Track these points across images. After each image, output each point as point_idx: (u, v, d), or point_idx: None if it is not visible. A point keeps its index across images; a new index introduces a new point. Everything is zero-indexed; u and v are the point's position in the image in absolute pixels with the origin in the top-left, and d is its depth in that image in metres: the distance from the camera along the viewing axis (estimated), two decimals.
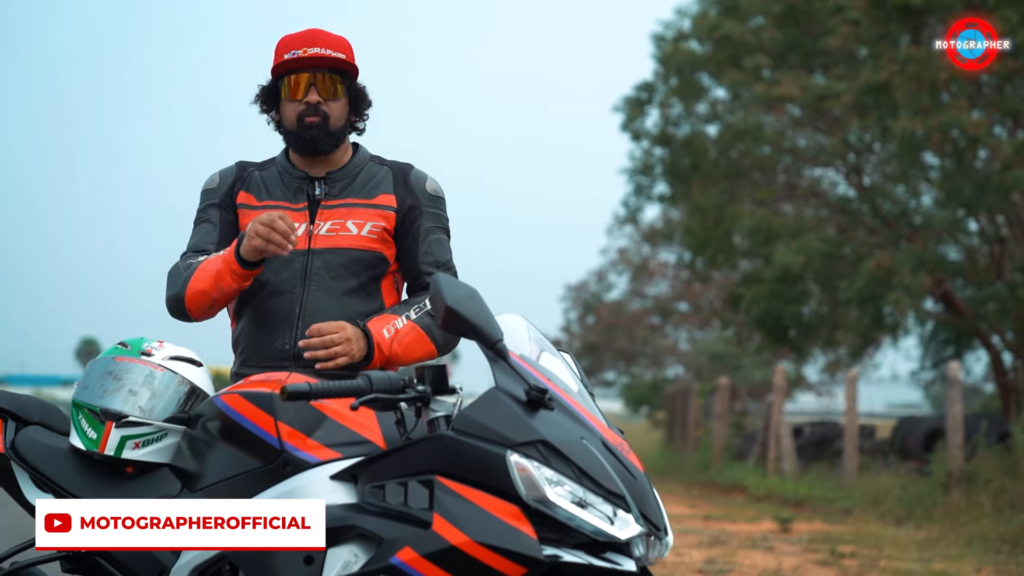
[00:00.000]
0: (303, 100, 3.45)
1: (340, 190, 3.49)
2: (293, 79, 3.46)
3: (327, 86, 3.46)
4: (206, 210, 3.55)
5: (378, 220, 3.46)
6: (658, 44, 19.72)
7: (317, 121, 3.44)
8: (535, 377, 2.75)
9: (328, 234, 3.43)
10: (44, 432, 3.29)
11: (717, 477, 18.46)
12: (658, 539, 2.72)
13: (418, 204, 3.51)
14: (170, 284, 3.43)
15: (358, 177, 3.52)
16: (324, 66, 3.46)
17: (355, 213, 3.46)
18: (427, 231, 3.50)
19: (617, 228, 37.18)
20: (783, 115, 18.30)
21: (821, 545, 10.17)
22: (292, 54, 3.45)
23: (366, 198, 3.48)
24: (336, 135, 3.48)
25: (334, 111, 3.47)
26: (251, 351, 3.42)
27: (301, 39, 3.48)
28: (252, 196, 3.51)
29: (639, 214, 22.65)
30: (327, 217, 3.45)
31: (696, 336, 39.85)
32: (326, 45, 3.47)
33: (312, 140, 3.45)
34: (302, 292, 3.39)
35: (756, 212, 17.82)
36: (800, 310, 18.16)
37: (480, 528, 2.60)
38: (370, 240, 3.44)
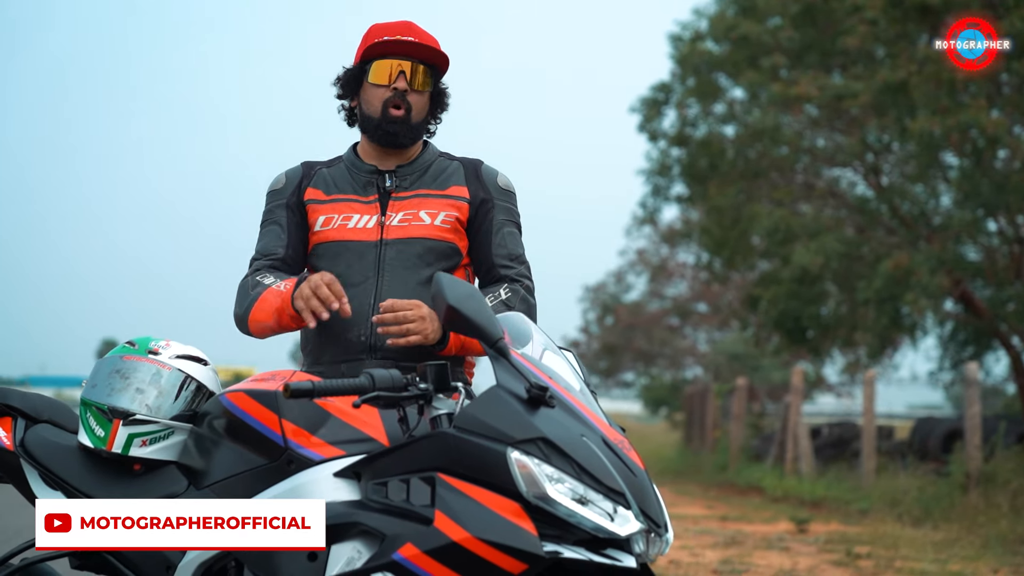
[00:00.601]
0: (391, 86, 3.40)
1: (411, 182, 3.46)
2: (383, 63, 3.41)
3: (416, 76, 3.42)
4: (273, 211, 3.52)
5: (451, 210, 3.43)
6: (675, 44, 19.72)
7: (401, 115, 3.40)
8: (536, 375, 2.77)
9: (400, 224, 3.40)
10: (53, 430, 3.32)
11: (734, 478, 18.44)
12: (658, 536, 2.73)
13: (490, 197, 3.48)
14: (237, 301, 3.41)
15: (428, 170, 3.49)
16: (416, 55, 3.41)
17: (427, 203, 3.43)
18: (500, 224, 3.48)
19: (635, 229, 37.14)
20: (801, 115, 18.27)
21: (837, 546, 10.16)
22: (385, 38, 3.40)
23: (438, 189, 3.45)
24: (416, 129, 3.45)
25: (417, 103, 3.43)
26: (324, 347, 3.38)
27: (395, 27, 3.44)
28: (320, 191, 3.48)
29: (657, 215, 22.63)
30: (399, 208, 3.42)
31: (715, 337, 39.78)
32: (419, 37, 3.43)
33: (395, 134, 3.42)
34: (376, 283, 3.35)
35: (774, 212, 17.79)
36: (818, 311, 18.13)
37: (481, 524, 2.62)
38: (443, 230, 3.41)
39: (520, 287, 3.43)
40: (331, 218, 3.43)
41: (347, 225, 3.42)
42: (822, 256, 16.62)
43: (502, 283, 3.44)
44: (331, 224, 3.43)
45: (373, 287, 3.35)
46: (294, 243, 3.46)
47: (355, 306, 3.32)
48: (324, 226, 3.44)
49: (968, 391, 12.94)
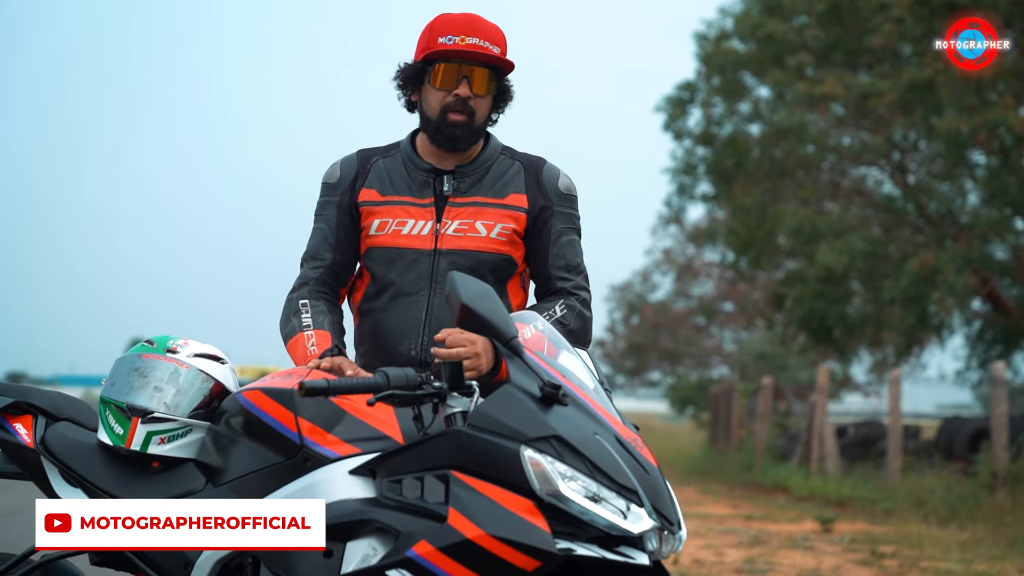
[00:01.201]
0: (452, 92, 3.30)
1: (469, 186, 3.36)
2: (445, 68, 3.29)
3: (478, 81, 3.31)
4: (325, 207, 3.45)
5: (508, 221, 3.34)
6: (700, 43, 19.70)
7: (463, 120, 3.30)
8: (549, 373, 2.78)
9: (455, 234, 3.32)
10: (73, 428, 3.35)
11: (760, 477, 18.38)
12: (671, 533, 2.73)
13: (550, 204, 3.38)
14: (282, 317, 3.39)
15: (488, 173, 3.39)
16: (479, 60, 3.30)
17: (484, 213, 3.34)
18: (559, 232, 3.38)
19: (661, 228, 37.13)
20: (827, 114, 18.23)
21: (862, 545, 10.13)
22: (449, 39, 3.28)
23: (496, 197, 3.36)
24: (478, 132, 3.35)
25: (480, 108, 3.33)
26: (374, 353, 3.35)
27: (460, 24, 3.30)
28: (375, 191, 3.39)
29: (682, 214, 22.61)
30: (455, 216, 3.34)
31: (741, 336, 39.67)
32: (485, 36, 3.29)
33: (454, 138, 3.32)
34: (428, 295, 3.31)
35: (799, 211, 17.75)
36: (844, 310, 18.08)
37: (495, 522, 2.63)
38: (499, 242, 3.34)
39: (576, 301, 3.35)
40: (386, 222, 3.36)
41: (401, 231, 3.35)
42: (848, 255, 16.57)
43: (558, 297, 3.36)
44: (385, 229, 3.36)
45: (425, 299, 3.32)
46: (342, 246, 3.41)
47: (407, 318, 3.31)
48: (379, 231, 3.36)
49: (995, 390, 12.87)
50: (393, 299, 3.34)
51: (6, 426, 3.34)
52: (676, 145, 20.40)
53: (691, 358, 41.36)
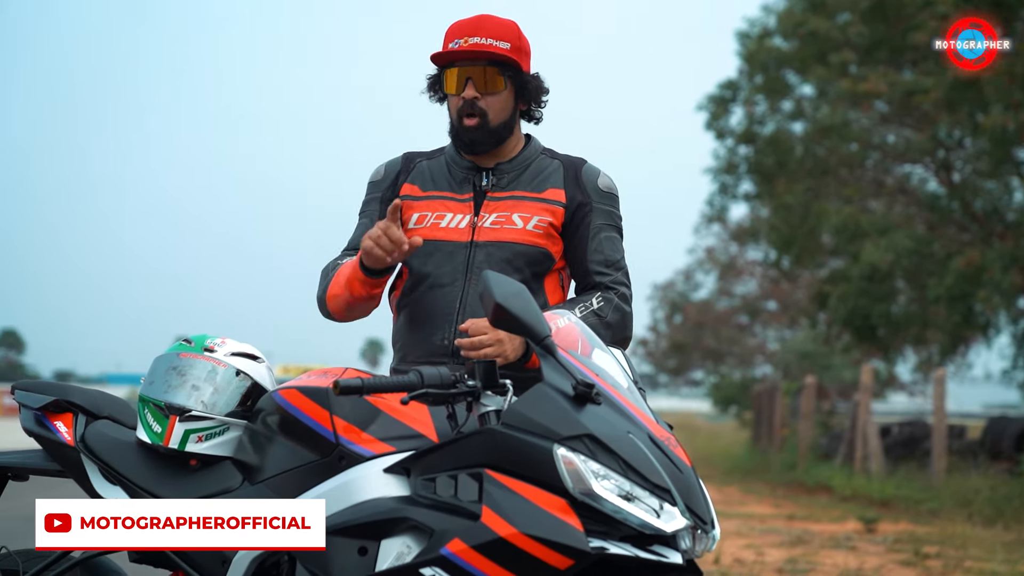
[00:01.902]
0: (460, 95, 3.33)
1: (508, 182, 3.39)
2: (451, 72, 3.34)
3: (484, 80, 3.32)
4: (369, 204, 3.50)
5: (545, 215, 3.36)
6: (742, 41, 19.60)
7: (475, 124, 3.33)
8: (582, 372, 2.78)
9: (492, 227, 3.34)
10: (113, 426, 3.38)
11: (803, 477, 18.29)
12: (704, 532, 2.73)
13: (589, 200, 3.39)
14: (319, 283, 3.42)
15: (528, 170, 3.41)
16: (481, 58, 3.31)
17: (522, 206, 3.36)
18: (598, 228, 3.39)
19: (704, 227, 37.00)
20: (870, 111, 18.09)
21: (905, 545, 10.06)
22: (454, 43, 3.32)
23: (535, 192, 3.38)
24: (497, 132, 3.36)
25: (493, 106, 3.34)
26: (410, 347, 3.37)
27: (465, 28, 3.33)
28: (416, 187, 3.44)
29: (725, 213, 22.51)
30: (492, 209, 3.37)
31: (785, 335, 39.46)
32: (488, 34, 3.31)
33: (471, 142, 3.36)
34: (463, 286, 3.32)
35: (843, 210, 17.63)
36: (888, 309, 17.94)
37: (528, 520, 2.64)
38: (535, 235, 3.35)
39: (615, 295, 3.35)
40: (424, 216, 3.39)
41: (439, 224, 3.38)
42: (892, 253, 16.46)
43: (595, 291, 3.36)
44: (424, 222, 3.39)
45: (460, 290, 3.33)
46: None
47: (441, 308, 3.32)
48: (417, 224, 3.39)
49: None
50: (429, 290, 3.36)
51: (47, 424, 3.38)
52: (718, 144, 20.33)
53: (734, 357, 41.20)
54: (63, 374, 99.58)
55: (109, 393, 3.52)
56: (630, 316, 3.39)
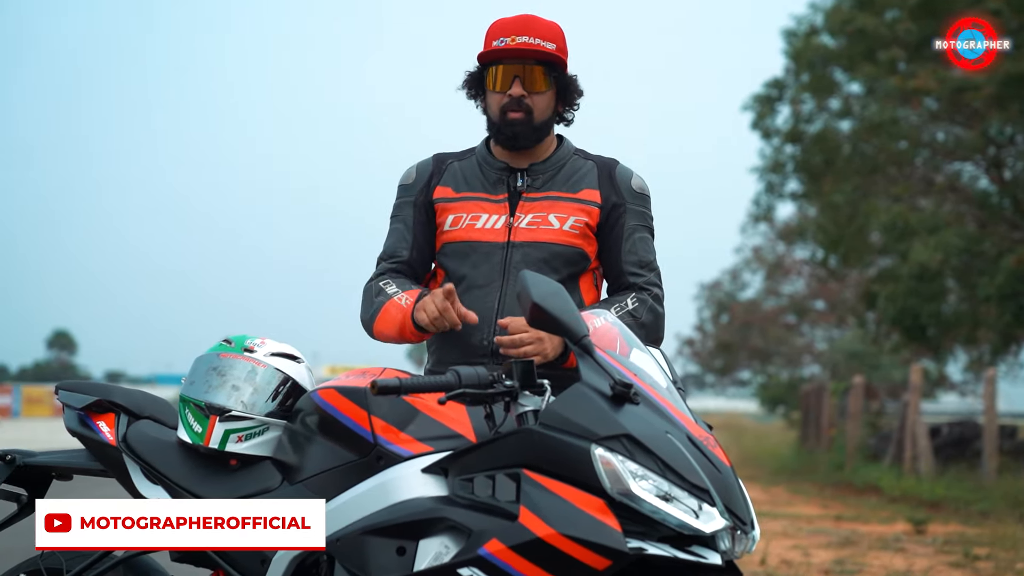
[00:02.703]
0: (507, 93, 3.36)
1: (543, 183, 3.41)
2: (497, 70, 3.36)
3: (531, 79, 3.35)
4: (401, 208, 3.51)
5: (581, 215, 3.38)
6: (789, 40, 19.47)
7: (520, 117, 3.35)
8: (620, 372, 2.77)
9: (529, 227, 3.36)
10: (154, 426, 3.40)
11: (851, 477, 18.15)
12: (744, 533, 2.71)
13: (623, 201, 3.41)
14: (363, 306, 3.44)
15: (562, 170, 3.43)
16: (530, 58, 3.35)
17: (558, 207, 3.38)
18: (631, 229, 3.41)
19: (751, 226, 36.78)
20: (919, 108, 17.91)
21: (955, 547, 9.96)
22: (500, 42, 3.35)
23: (570, 192, 3.40)
24: (540, 129, 3.40)
25: (538, 104, 3.37)
26: (447, 348, 3.39)
27: (511, 26, 3.37)
28: (450, 189, 3.45)
29: (772, 212, 22.38)
30: (528, 210, 3.38)
31: (833, 335, 39.19)
32: (535, 34, 3.35)
33: (514, 136, 3.38)
34: (501, 286, 3.34)
35: (892, 208, 17.47)
36: (938, 308, 17.74)
37: (565, 520, 2.63)
38: (572, 235, 3.36)
39: (648, 296, 3.37)
40: (459, 217, 3.41)
41: (475, 225, 3.39)
42: (942, 252, 16.30)
43: (630, 292, 3.37)
44: (459, 224, 3.41)
45: (498, 290, 3.35)
46: (419, 244, 3.46)
47: (479, 309, 3.32)
48: (452, 226, 3.41)
49: None
50: (466, 291, 3.37)
51: (90, 424, 3.41)
52: (764, 143, 20.21)
53: (781, 357, 40.96)
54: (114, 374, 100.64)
55: (150, 393, 3.55)
56: (663, 317, 3.41)
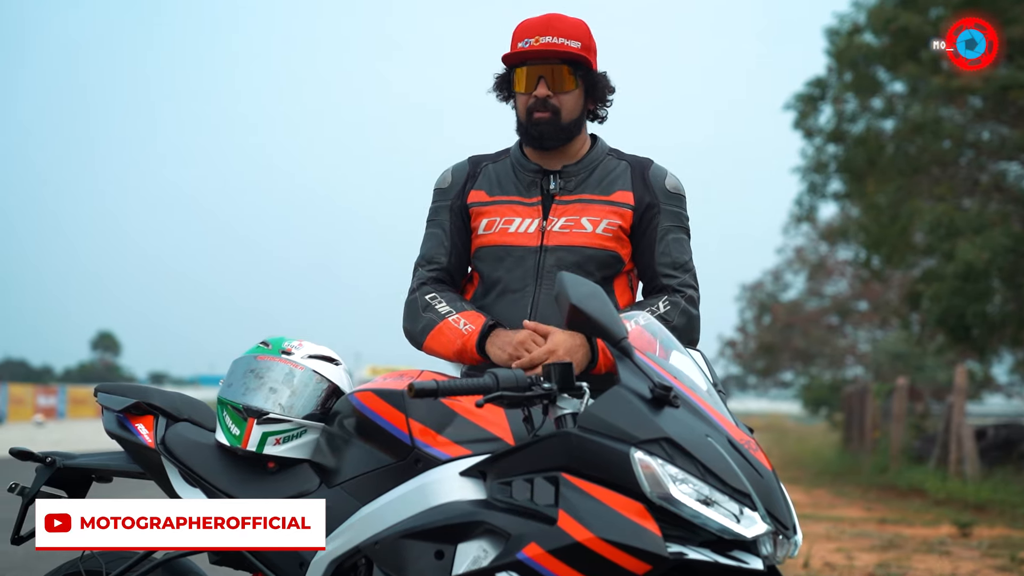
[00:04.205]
0: (532, 94, 3.34)
1: (576, 185, 3.38)
2: (523, 71, 3.35)
3: (557, 79, 3.33)
4: (438, 212, 3.49)
5: (614, 218, 3.35)
6: (831, 39, 19.34)
7: (546, 117, 3.32)
8: (660, 375, 2.74)
9: (562, 231, 3.34)
10: (192, 428, 3.41)
11: (895, 480, 17.99)
12: (786, 538, 2.67)
13: (657, 202, 3.37)
14: (407, 318, 3.41)
15: (595, 172, 3.40)
16: (554, 57, 3.32)
17: (590, 210, 3.35)
18: (665, 230, 3.36)
19: (793, 227, 36.60)
20: (964, 108, 17.74)
21: (1002, 551, 9.85)
22: (525, 43, 3.33)
23: (602, 194, 3.37)
24: (568, 128, 3.36)
25: (565, 104, 3.34)
26: None
27: (535, 27, 3.34)
28: (483, 192, 3.44)
29: (814, 212, 22.23)
30: (561, 213, 3.36)
31: (876, 336, 38.89)
32: (559, 33, 3.32)
33: (540, 136, 3.35)
34: (535, 290, 3.32)
35: (936, 208, 17.31)
36: (984, 308, 17.54)
37: (605, 525, 2.60)
38: (605, 238, 3.34)
39: (681, 298, 3.32)
40: (493, 221, 3.39)
41: (508, 229, 3.38)
42: (988, 252, 16.13)
43: (663, 294, 3.33)
44: (493, 228, 3.39)
45: (531, 295, 3.33)
46: (457, 250, 3.45)
47: (513, 314, 3.32)
48: (487, 230, 3.40)
49: None
50: (500, 296, 3.36)
51: (129, 426, 3.41)
52: (806, 143, 20.09)
53: (824, 358, 40.69)
54: (157, 375, 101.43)
55: (188, 395, 3.55)
56: (697, 319, 3.35)
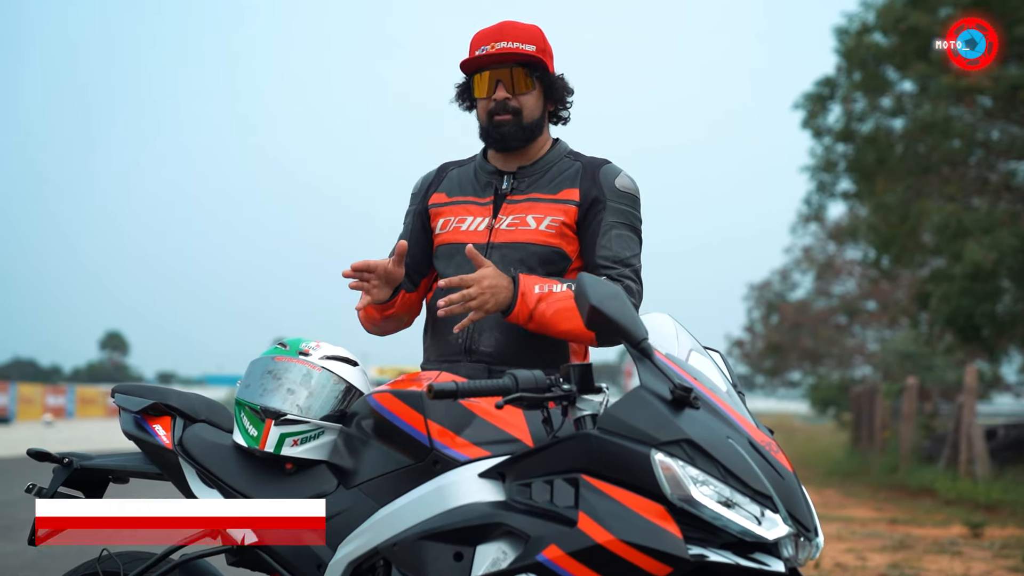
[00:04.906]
0: (491, 97, 3.44)
1: (528, 185, 3.48)
2: (482, 77, 3.45)
3: (515, 81, 3.43)
4: (407, 216, 3.64)
5: (558, 214, 3.42)
6: (841, 38, 19.29)
7: (508, 119, 3.43)
8: (680, 376, 2.73)
9: (508, 229, 3.43)
10: (210, 429, 3.40)
11: (905, 480, 17.95)
12: (808, 540, 2.66)
13: (603, 198, 3.42)
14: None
15: (548, 172, 3.49)
16: (510, 61, 3.43)
17: (536, 208, 3.44)
18: (609, 225, 3.41)
19: (801, 226, 36.54)
20: (974, 107, 17.69)
21: (1014, 551, 9.82)
22: (481, 50, 3.44)
23: (551, 193, 3.45)
24: (530, 129, 3.46)
25: (526, 104, 3.44)
26: (431, 347, 3.48)
27: (490, 35, 3.46)
28: (444, 194, 3.56)
29: (823, 212, 22.20)
30: (510, 212, 3.45)
31: (884, 335, 38.82)
32: (513, 38, 3.43)
33: (503, 138, 3.45)
34: None
35: (945, 208, 17.27)
36: (993, 308, 17.51)
37: (625, 526, 2.59)
38: (548, 235, 3.40)
39: (620, 286, 3.30)
40: (448, 220, 3.51)
41: (460, 227, 3.48)
42: (997, 252, 16.09)
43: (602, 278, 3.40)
44: (448, 227, 3.50)
45: None
46: (413, 252, 3.55)
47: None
48: (442, 229, 3.52)
49: None
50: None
51: (146, 427, 3.41)
52: (815, 142, 20.05)
53: (832, 358, 40.62)
54: (165, 375, 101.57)
55: (205, 396, 3.54)
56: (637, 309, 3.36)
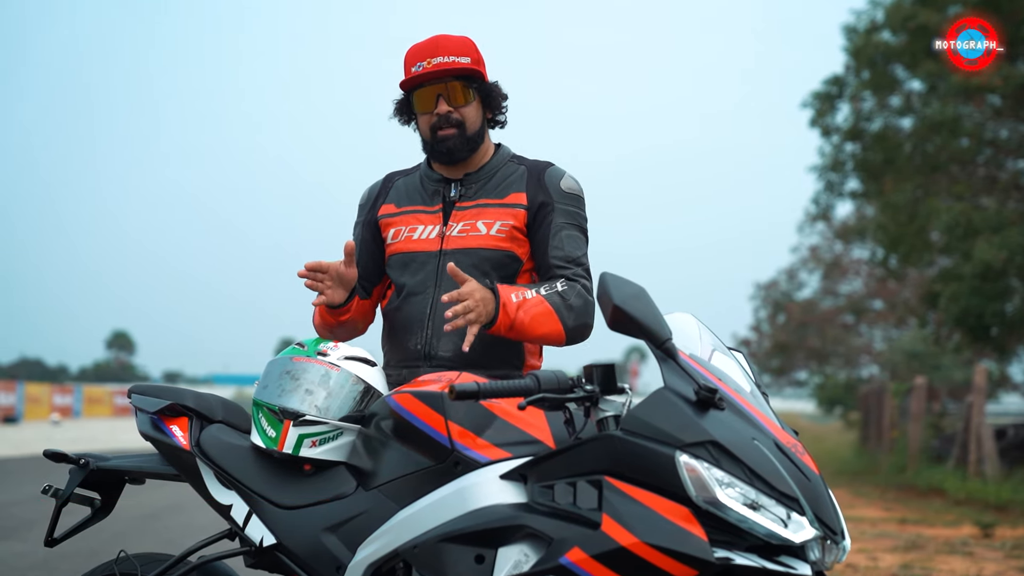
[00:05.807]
0: (434, 112, 3.50)
1: (475, 191, 3.54)
2: (421, 93, 3.51)
3: (454, 95, 3.49)
4: (356, 227, 3.69)
5: (508, 219, 3.48)
6: (849, 36, 19.25)
7: (452, 132, 3.49)
8: (705, 377, 2.70)
9: (460, 235, 3.48)
10: (227, 430, 3.37)
11: (914, 480, 17.92)
12: (835, 543, 2.63)
13: (551, 201, 3.49)
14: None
15: (494, 178, 3.56)
16: (449, 75, 3.49)
17: (486, 213, 3.49)
18: (559, 227, 3.47)
19: (808, 226, 36.48)
20: (983, 106, 17.65)
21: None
22: (418, 67, 3.49)
23: (498, 198, 3.51)
24: (473, 140, 3.53)
25: (468, 116, 3.51)
26: (391, 353, 3.53)
27: (425, 50, 3.51)
28: (392, 205, 3.61)
29: (830, 211, 22.15)
30: (460, 218, 3.51)
31: (892, 335, 38.76)
32: (448, 52, 3.49)
33: (449, 151, 3.51)
34: (434, 292, 3.45)
35: (954, 207, 17.22)
36: (1002, 307, 17.47)
37: (649, 529, 2.56)
38: (499, 239, 3.46)
39: (578, 284, 3.44)
40: (399, 230, 3.56)
41: (412, 236, 3.53)
42: (1006, 251, 16.04)
43: (559, 278, 3.43)
44: (399, 237, 3.56)
45: (431, 297, 3.46)
46: (363, 261, 3.60)
47: (414, 316, 3.47)
48: (394, 239, 3.57)
49: None
50: (405, 299, 3.51)
51: (163, 428, 3.39)
52: (823, 141, 20.01)
53: (839, 357, 40.57)
54: (172, 375, 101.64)
55: (223, 397, 3.52)
56: (592, 306, 3.46)
